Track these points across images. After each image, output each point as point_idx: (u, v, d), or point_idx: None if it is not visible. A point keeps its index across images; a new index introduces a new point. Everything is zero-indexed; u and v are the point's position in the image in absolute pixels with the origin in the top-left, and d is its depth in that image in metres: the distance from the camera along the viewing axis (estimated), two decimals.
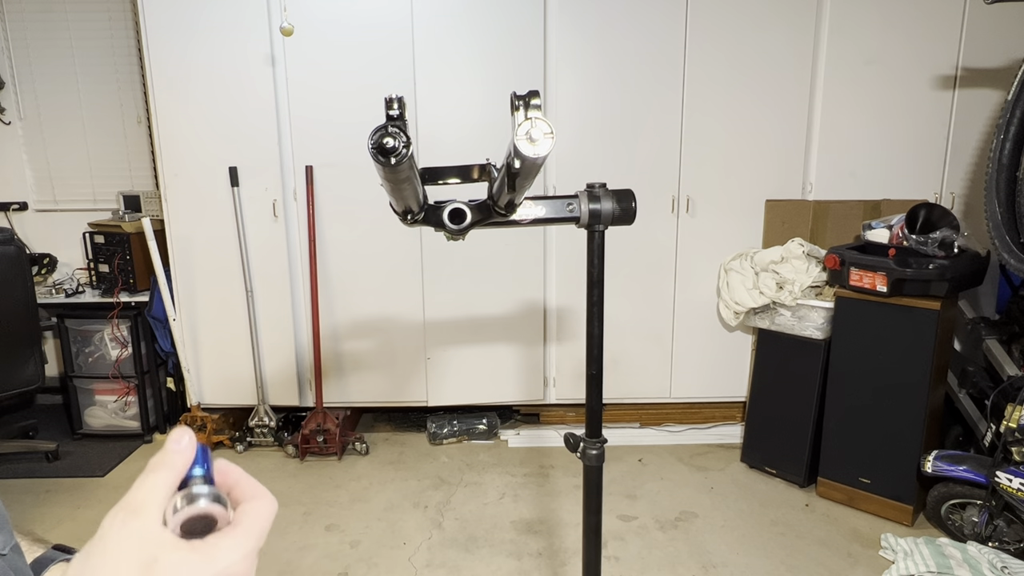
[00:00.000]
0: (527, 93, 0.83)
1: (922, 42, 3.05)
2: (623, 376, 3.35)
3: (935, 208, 2.65)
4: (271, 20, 2.95)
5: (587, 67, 3.10)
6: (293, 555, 2.48)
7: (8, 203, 3.72)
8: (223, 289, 3.21)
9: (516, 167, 0.85)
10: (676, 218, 3.22)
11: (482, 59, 3.04)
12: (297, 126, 3.07)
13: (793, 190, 3.20)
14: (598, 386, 1.16)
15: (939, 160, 3.16)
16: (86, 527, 2.66)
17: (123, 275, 3.41)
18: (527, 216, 1.06)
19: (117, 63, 3.60)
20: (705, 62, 3.07)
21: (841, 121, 3.13)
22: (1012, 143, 2.22)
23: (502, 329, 3.29)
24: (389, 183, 0.90)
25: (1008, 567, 2.18)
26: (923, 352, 2.51)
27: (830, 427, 2.78)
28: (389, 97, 0.79)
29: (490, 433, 3.42)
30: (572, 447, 1.20)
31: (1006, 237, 2.22)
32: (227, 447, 3.32)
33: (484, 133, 3.04)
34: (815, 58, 3.08)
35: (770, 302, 2.96)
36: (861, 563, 2.41)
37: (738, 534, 2.60)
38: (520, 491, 2.92)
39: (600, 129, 3.14)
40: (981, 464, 2.31)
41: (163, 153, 3.10)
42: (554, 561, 2.45)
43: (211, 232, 3.16)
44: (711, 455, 3.25)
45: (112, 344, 3.45)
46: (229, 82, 3.02)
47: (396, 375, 3.33)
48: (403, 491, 2.93)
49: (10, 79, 3.63)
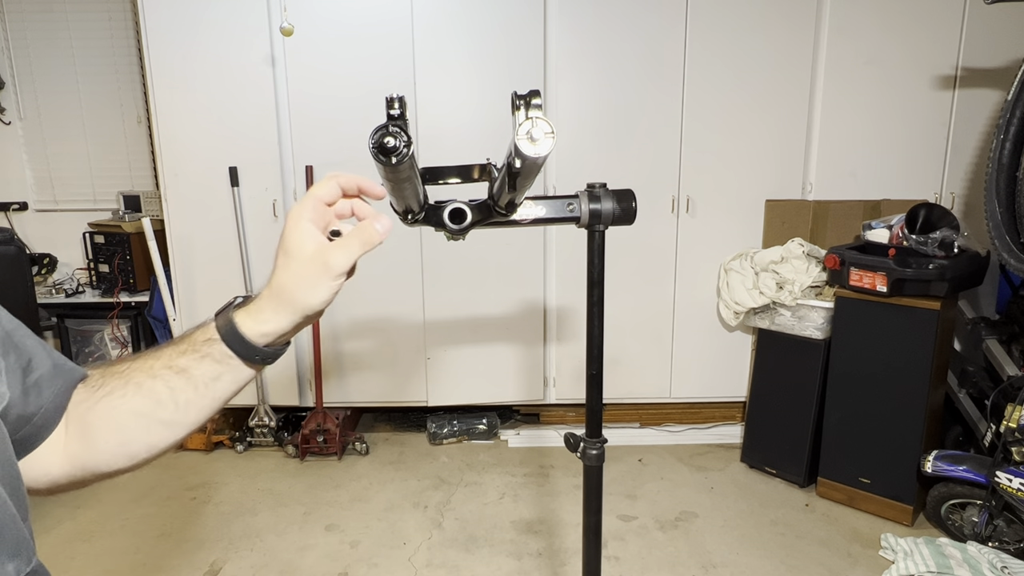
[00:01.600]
0: (528, 92, 0.83)
1: (922, 42, 3.05)
2: (623, 376, 3.35)
3: (935, 208, 2.65)
4: (271, 20, 2.95)
5: (587, 67, 3.10)
6: (293, 555, 2.48)
7: (8, 203, 3.72)
8: (223, 289, 3.21)
9: (517, 167, 0.85)
10: (676, 218, 3.22)
11: (482, 59, 3.04)
12: (297, 126, 3.07)
13: (793, 190, 3.20)
14: (598, 386, 1.16)
15: (939, 160, 3.16)
16: (86, 527, 2.66)
17: (123, 275, 3.41)
18: (527, 216, 1.06)
19: (117, 63, 3.60)
20: (705, 62, 3.07)
21: (841, 121, 3.13)
22: (1012, 143, 2.22)
23: (502, 329, 3.29)
24: (389, 183, 0.90)
25: (1008, 567, 2.18)
26: (923, 352, 2.51)
27: (830, 427, 2.78)
28: (390, 96, 0.79)
29: (490, 433, 3.42)
30: (572, 447, 1.20)
31: (1006, 237, 2.22)
32: (227, 447, 3.32)
33: (484, 133, 3.04)
34: (815, 58, 3.08)
35: (770, 302, 2.96)
36: (861, 563, 2.41)
37: (738, 534, 2.60)
38: (520, 491, 2.92)
39: (600, 129, 3.14)
40: (981, 464, 2.31)
41: (163, 153, 3.10)
42: (554, 561, 2.45)
43: (211, 232, 3.16)
44: (711, 455, 3.25)
45: (112, 344, 3.45)
46: (229, 82, 3.02)
47: (396, 375, 3.33)
48: (403, 491, 2.93)
49: (10, 79, 3.63)
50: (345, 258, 0.64)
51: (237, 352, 0.65)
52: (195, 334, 0.67)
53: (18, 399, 0.60)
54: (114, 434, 0.65)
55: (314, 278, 0.64)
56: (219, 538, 2.60)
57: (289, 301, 0.65)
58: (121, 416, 0.65)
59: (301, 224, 0.65)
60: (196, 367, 0.65)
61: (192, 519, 2.73)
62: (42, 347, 0.64)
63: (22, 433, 0.61)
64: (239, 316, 0.66)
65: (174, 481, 3.02)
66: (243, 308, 0.66)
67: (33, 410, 0.61)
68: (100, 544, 2.57)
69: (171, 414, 0.66)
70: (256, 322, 0.65)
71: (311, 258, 0.64)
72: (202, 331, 0.66)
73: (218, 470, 3.13)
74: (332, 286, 0.64)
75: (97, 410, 0.65)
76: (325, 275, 0.64)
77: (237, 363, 0.66)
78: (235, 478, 3.05)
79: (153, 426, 0.66)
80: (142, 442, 0.66)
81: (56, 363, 0.64)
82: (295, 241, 0.65)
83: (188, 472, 3.11)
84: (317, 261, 0.64)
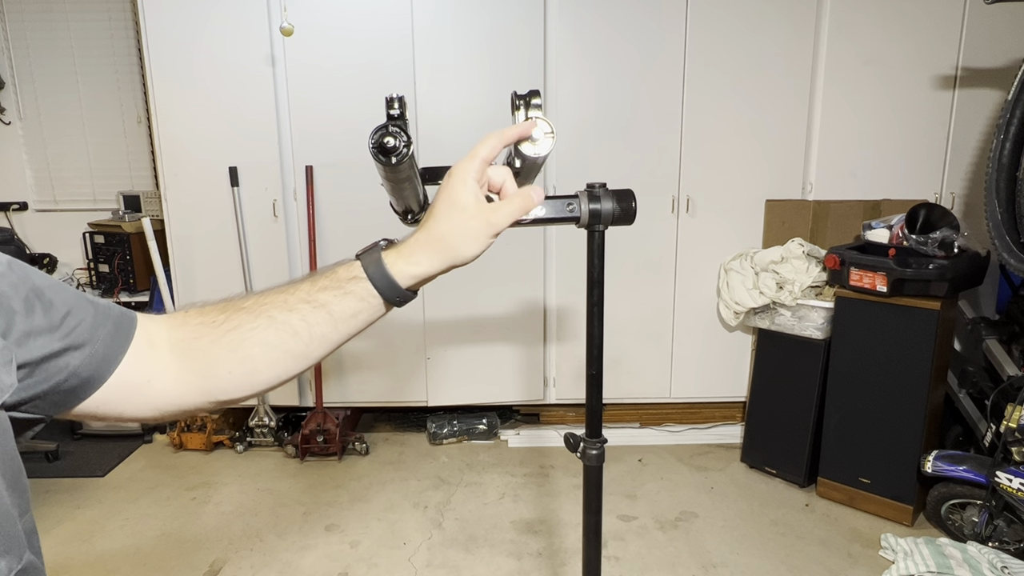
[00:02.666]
0: (528, 92, 0.83)
1: (922, 42, 3.05)
2: (623, 376, 3.35)
3: (935, 208, 2.65)
4: (271, 20, 2.95)
5: (587, 66, 3.10)
6: (293, 555, 2.48)
7: (8, 203, 3.72)
8: (223, 289, 3.19)
9: (517, 166, 0.85)
10: (676, 218, 3.22)
11: (482, 59, 3.04)
12: (297, 126, 3.07)
13: (793, 190, 3.20)
14: (598, 386, 1.16)
15: (939, 160, 3.16)
16: (86, 527, 2.66)
17: (123, 275, 3.41)
18: (527, 216, 1.06)
19: (117, 63, 3.60)
20: (705, 61, 3.07)
21: (841, 121, 3.13)
22: (1012, 143, 2.22)
23: (502, 329, 3.29)
24: (389, 183, 0.90)
25: (1008, 567, 2.18)
26: (923, 352, 2.51)
27: (830, 427, 2.78)
28: (389, 96, 0.80)
29: (490, 433, 3.42)
30: (572, 447, 1.19)
31: (1006, 237, 2.22)
32: (227, 447, 3.32)
33: (484, 133, 3.03)
34: (815, 58, 3.08)
35: (770, 302, 2.96)
36: (861, 563, 2.41)
37: (738, 534, 2.60)
38: (520, 491, 2.92)
39: (600, 129, 3.14)
40: (981, 464, 2.31)
41: (163, 153, 3.09)
42: (554, 561, 2.45)
43: (211, 232, 3.16)
44: (711, 455, 3.25)
45: None
46: (229, 82, 3.02)
47: (396, 375, 3.33)
48: (403, 491, 2.93)
49: (10, 79, 3.63)
50: (507, 217, 0.72)
51: (382, 292, 0.70)
52: (337, 271, 0.70)
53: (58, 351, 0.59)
54: (240, 364, 0.69)
55: (476, 231, 0.70)
56: (219, 538, 2.60)
57: (446, 248, 0.70)
58: (251, 347, 0.68)
59: (468, 181, 0.71)
60: (337, 303, 0.69)
61: (192, 519, 2.73)
62: (83, 298, 0.64)
63: (74, 380, 0.61)
64: (389, 258, 0.70)
65: (174, 481, 3.02)
66: (393, 250, 0.71)
67: (78, 362, 0.61)
68: (100, 544, 2.57)
69: (304, 346, 0.69)
70: (408, 263, 0.70)
71: (475, 213, 0.70)
72: (345, 268, 0.70)
73: (218, 470, 3.13)
74: (488, 241, 0.72)
75: (224, 342, 0.68)
76: (486, 230, 0.71)
77: (378, 302, 0.70)
78: (235, 478, 3.05)
79: (283, 357, 0.69)
80: (269, 372, 0.70)
81: (99, 310, 0.64)
82: (463, 196, 0.70)
83: (188, 472, 3.11)
84: (480, 217, 0.70)
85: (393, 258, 0.70)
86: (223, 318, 0.69)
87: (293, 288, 0.70)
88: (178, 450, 3.31)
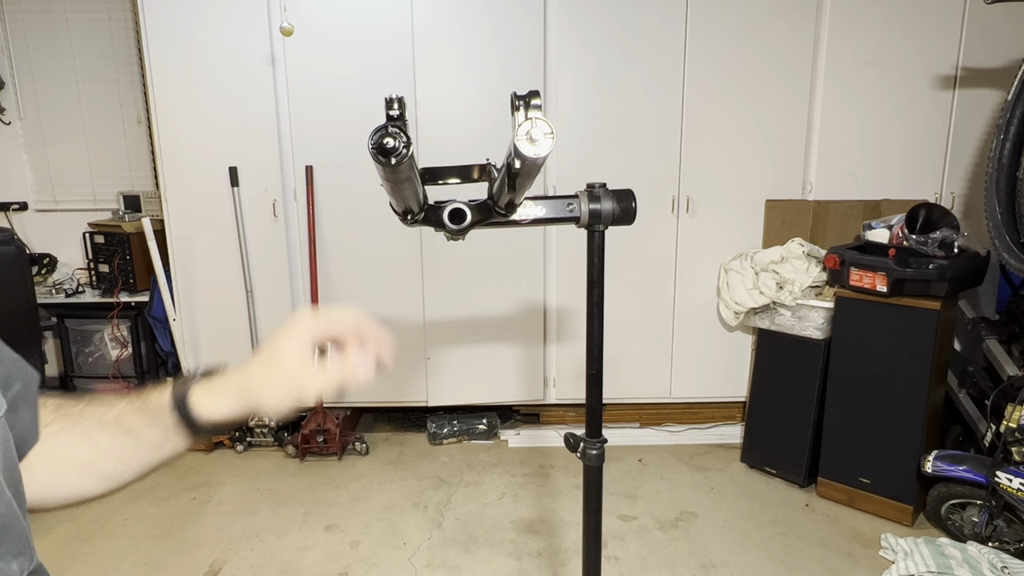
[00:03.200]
0: (527, 93, 0.83)
1: (922, 42, 3.04)
2: (623, 376, 3.35)
3: (935, 208, 2.65)
4: (271, 20, 2.94)
5: (587, 67, 3.10)
6: (293, 555, 2.48)
7: (8, 203, 3.72)
8: (223, 289, 3.21)
9: (516, 167, 0.85)
10: (676, 218, 3.22)
11: (482, 59, 3.04)
12: (297, 126, 3.06)
13: (793, 190, 3.20)
14: (598, 386, 1.16)
15: (939, 160, 3.16)
16: (86, 527, 2.66)
17: (123, 275, 3.41)
18: (527, 216, 1.06)
19: (117, 63, 3.60)
20: (705, 62, 3.07)
21: (841, 121, 3.13)
22: (1012, 143, 2.22)
23: (502, 329, 3.29)
24: (389, 183, 0.90)
25: (1008, 567, 2.18)
26: (923, 352, 2.51)
27: (830, 427, 2.78)
28: (389, 97, 0.79)
29: (490, 433, 3.42)
30: (572, 447, 1.20)
31: (1006, 237, 2.22)
32: (227, 447, 3.32)
33: (484, 133, 3.04)
34: (815, 58, 3.08)
35: (770, 302, 2.96)
36: (861, 563, 2.41)
37: (738, 534, 2.60)
38: (520, 491, 2.92)
39: (600, 129, 3.14)
40: (981, 464, 2.31)
41: (163, 153, 3.09)
42: (554, 561, 2.45)
43: (211, 232, 3.16)
44: (711, 455, 3.25)
45: (112, 344, 3.46)
46: (229, 82, 3.02)
47: (396, 375, 3.32)
48: (403, 491, 2.93)
49: (10, 79, 3.63)
50: (318, 393, 0.66)
51: (185, 426, 0.67)
52: (152, 396, 0.68)
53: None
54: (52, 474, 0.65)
55: (284, 393, 0.66)
56: (219, 538, 2.60)
57: (251, 400, 0.67)
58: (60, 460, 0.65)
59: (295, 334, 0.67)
60: (144, 430, 0.67)
61: (192, 519, 2.73)
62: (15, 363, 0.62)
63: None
64: (196, 394, 0.67)
65: (174, 481, 3.02)
66: (203, 385, 0.68)
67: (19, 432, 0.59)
68: (100, 544, 2.57)
69: (110, 468, 0.67)
70: (211, 401, 0.67)
71: (290, 374, 0.66)
72: (158, 395, 0.68)
73: (218, 470, 3.13)
74: (294, 406, 0.66)
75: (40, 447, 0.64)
76: (295, 395, 0.66)
77: (180, 437, 0.68)
78: (235, 478, 3.05)
79: (89, 476, 0.67)
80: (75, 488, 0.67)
81: (26, 382, 0.62)
82: (286, 353, 0.66)
83: (188, 472, 3.11)
84: (294, 381, 0.66)
85: (200, 394, 0.67)
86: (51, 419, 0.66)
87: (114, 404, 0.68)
88: None
